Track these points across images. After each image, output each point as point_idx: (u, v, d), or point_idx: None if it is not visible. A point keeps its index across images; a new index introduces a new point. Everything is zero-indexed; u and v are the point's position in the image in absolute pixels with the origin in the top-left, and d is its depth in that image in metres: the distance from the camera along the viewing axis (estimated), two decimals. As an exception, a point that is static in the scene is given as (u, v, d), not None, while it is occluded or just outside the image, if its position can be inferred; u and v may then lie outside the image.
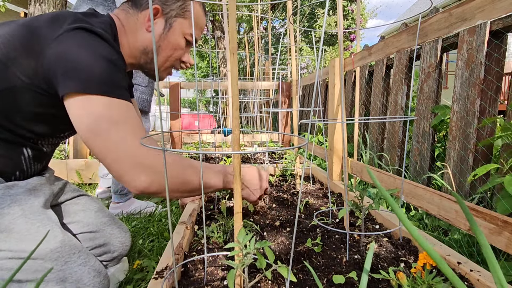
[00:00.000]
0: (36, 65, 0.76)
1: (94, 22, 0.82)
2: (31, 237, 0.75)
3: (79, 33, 0.76)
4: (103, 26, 0.84)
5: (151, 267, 1.11)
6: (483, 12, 0.81)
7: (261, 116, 3.96)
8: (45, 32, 0.77)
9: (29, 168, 0.89)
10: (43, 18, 0.81)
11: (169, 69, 1.03)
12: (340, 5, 1.13)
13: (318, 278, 0.78)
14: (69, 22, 0.78)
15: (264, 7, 8.10)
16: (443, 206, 0.99)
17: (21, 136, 0.84)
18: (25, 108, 0.81)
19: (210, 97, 5.46)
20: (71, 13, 0.83)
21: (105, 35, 0.80)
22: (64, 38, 0.75)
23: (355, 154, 1.73)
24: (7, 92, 0.78)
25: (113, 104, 0.77)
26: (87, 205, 1.08)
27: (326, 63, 8.89)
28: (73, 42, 0.75)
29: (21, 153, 0.86)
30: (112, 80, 0.78)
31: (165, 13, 0.94)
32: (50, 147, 0.96)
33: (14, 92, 0.78)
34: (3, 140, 0.81)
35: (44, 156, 0.95)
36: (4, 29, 0.80)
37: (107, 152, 0.76)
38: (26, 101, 0.80)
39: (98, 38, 0.78)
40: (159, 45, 0.96)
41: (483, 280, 0.71)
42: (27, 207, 0.78)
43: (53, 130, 0.91)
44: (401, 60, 2.18)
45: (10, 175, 0.85)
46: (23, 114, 0.81)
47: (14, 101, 0.79)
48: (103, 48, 0.78)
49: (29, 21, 0.81)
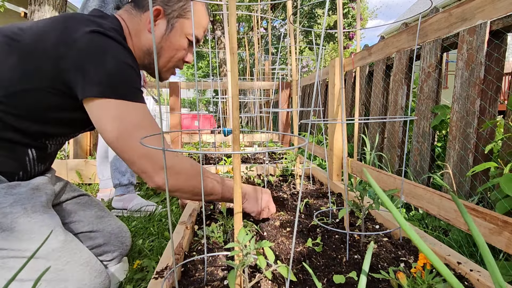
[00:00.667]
0: (55, 68, 0.78)
1: (106, 25, 0.84)
2: (33, 236, 0.75)
3: (96, 37, 0.79)
4: (114, 27, 0.87)
5: (151, 267, 1.11)
6: (483, 12, 0.81)
7: (261, 116, 3.96)
8: (62, 36, 0.78)
9: (32, 169, 0.90)
10: (56, 22, 0.82)
11: (172, 69, 1.04)
12: (340, 5, 1.13)
13: (318, 278, 0.78)
14: (85, 26, 0.79)
15: (265, 7, 8.10)
16: (443, 206, 0.99)
17: (31, 136, 0.86)
18: (41, 109, 0.83)
19: (210, 97, 5.46)
20: (84, 16, 0.85)
21: (119, 38, 0.83)
22: (83, 42, 0.77)
23: (355, 154, 1.73)
24: (24, 93, 0.79)
25: (134, 107, 0.82)
26: (88, 204, 1.08)
27: (326, 63, 8.89)
28: (92, 46, 0.78)
29: (25, 154, 0.87)
30: (132, 84, 0.82)
31: (167, 14, 0.94)
32: (55, 147, 0.97)
33: (31, 93, 0.80)
34: (10, 141, 0.82)
35: (48, 157, 0.96)
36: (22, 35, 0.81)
37: (131, 152, 0.80)
38: (42, 102, 0.82)
39: (114, 42, 0.81)
40: (161, 46, 0.96)
41: (483, 280, 0.71)
42: (29, 206, 0.78)
43: (64, 130, 0.93)
44: (401, 60, 2.18)
45: (13, 175, 0.85)
46: (38, 114, 0.84)
47: (30, 102, 0.81)
48: (121, 52, 0.81)
49: (41, 25, 0.82)
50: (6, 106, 0.79)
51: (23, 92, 0.79)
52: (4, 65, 0.78)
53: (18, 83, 0.79)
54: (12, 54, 0.79)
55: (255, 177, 1.94)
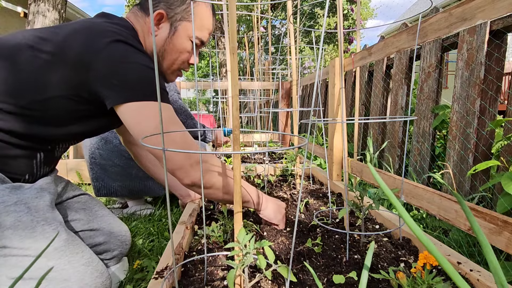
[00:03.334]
0: (79, 78, 0.80)
1: (125, 33, 0.86)
2: (35, 235, 0.75)
3: (119, 46, 0.81)
4: (133, 35, 0.90)
5: (151, 267, 1.11)
6: (483, 12, 0.81)
7: (261, 116, 3.96)
8: (85, 46, 0.80)
9: (38, 171, 0.92)
10: (77, 32, 0.83)
11: (177, 71, 1.05)
12: (341, 6, 1.13)
13: (318, 278, 0.78)
14: (106, 36, 0.81)
15: (264, 7, 8.10)
16: (443, 206, 0.99)
17: (42, 141, 0.88)
18: (59, 117, 0.86)
19: (210, 97, 5.46)
20: (103, 25, 0.86)
21: (139, 46, 0.86)
22: (107, 52, 0.79)
23: (355, 154, 1.73)
24: (44, 102, 0.82)
25: (164, 108, 0.85)
26: (88, 203, 1.09)
27: (326, 63, 8.89)
28: (117, 55, 0.80)
29: (34, 157, 0.89)
30: (155, 84, 0.84)
31: (170, 17, 0.95)
32: (62, 151, 0.99)
33: (52, 102, 0.82)
34: (22, 146, 0.84)
35: (54, 159, 0.98)
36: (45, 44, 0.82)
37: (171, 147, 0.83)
38: (61, 110, 0.85)
39: (134, 49, 0.83)
40: (164, 48, 0.98)
41: (483, 280, 0.71)
42: (33, 205, 0.79)
43: (75, 136, 0.96)
44: (401, 60, 2.18)
45: (20, 177, 0.87)
46: (55, 121, 0.86)
47: (50, 110, 0.84)
48: (142, 57, 0.84)
49: (63, 34, 0.83)
50: (20, 114, 0.81)
51: (45, 101, 0.82)
52: (20, 73, 0.80)
53: (41, 92, 0.81)
54: (30, 62, 0.80)
55: (255, 177, 1.94)
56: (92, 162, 1.67)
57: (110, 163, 1.65)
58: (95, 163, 1.66)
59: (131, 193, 1.73)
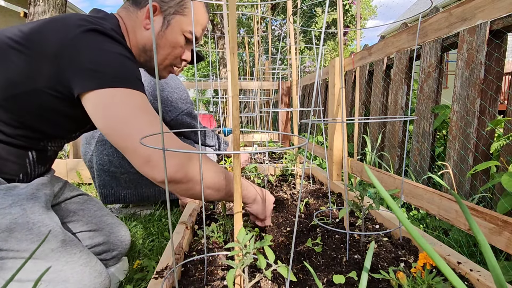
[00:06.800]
0: (51, 68, 0.77)
1: (105, 25, 0.83)
2: (31, 237, 0.75)
3: (92, 35, 0.77)
4: (113, 27, 0.85)
5: (151, 267, 1.11)
6: (483, 11, 0.81)
7: (261, 116, 3.96)
8: (60, 35, 0.77)
9: (33, 171, 0.90)
10: (54, 22, 0.81)
11: (169, 67, 1.02)
12: (341, 5, 1.13)
13: (318, 278, 0.78)
14: (80, 25, 0.78)
15: (264, 7, 8.09)
16: (443, 206, 0.99)
17: (31, 138, 0.85)
18: (41, 111, 0.82)
19: (210, 97, 5.46)
20: (80, 15, 0.84)
21: (117, 36, 0.81)
22: (78, 40, 0.76)
23: (355, 154, 1.73)
24: (24, 96, 0.79)
25: (133, 95, 0.76)
26: (86, 204, 1.08)
27: (326, 63, 8.88)
28: (87, 43, 0.76)
29: (26, 156, 0.86)
30: (128, 72, 0.78)
31: (163, 10, 0.93)
32: (55, 149, 0.97)
33: (31, 96, 0.79)
34: (12, 144, 0.82)
35: (48, 159, 0.96)
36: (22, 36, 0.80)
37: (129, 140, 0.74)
38: (42, 104, 0.81)
39: (109, 39, 0.79)
40: (157, 43, 0.94)
41: (483, 280, 0.71)
42: (28, 207, 0.78)
43: (64, 132, 0.93)
44: (401, 60, 2.18)
45: (14, 178, 0.85)
46: (38, 117, 0.82)
47: (30, 104, 0.80)
48: (116, 46, 0.79)
49: (40, 25, 0.81)
50: (6, 109, 0.78)
51: (24, 95, 0.78)
52: (5, 67, 0.78)
53: (18, 85, 0.78)
54: (13, 56, 0.78)
55: (255, 177, 1.94)
56: (99, 169, 1.58)
57: (122, 170, 1.56)
58: (102, 170, 1.57)
59: (141, 200, 1.65)
